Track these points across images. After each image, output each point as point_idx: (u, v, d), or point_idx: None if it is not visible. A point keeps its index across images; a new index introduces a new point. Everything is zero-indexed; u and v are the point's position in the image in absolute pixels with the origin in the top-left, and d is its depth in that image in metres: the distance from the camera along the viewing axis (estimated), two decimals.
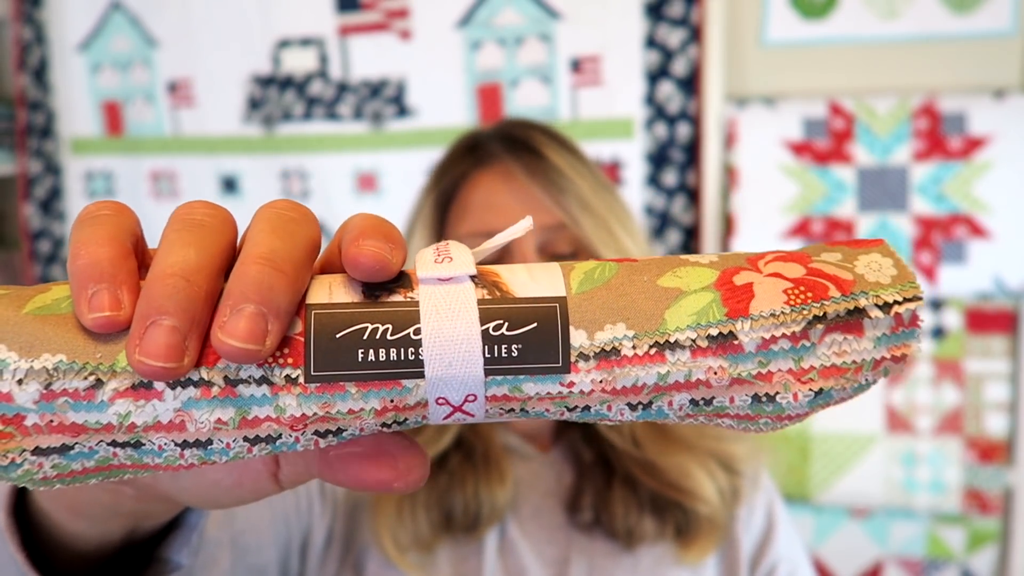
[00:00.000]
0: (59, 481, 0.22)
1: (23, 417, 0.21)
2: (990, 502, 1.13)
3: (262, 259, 0.21)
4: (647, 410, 0.23)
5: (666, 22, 1.14)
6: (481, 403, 0.22)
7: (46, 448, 0.21)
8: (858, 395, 0.24)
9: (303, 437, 0.22)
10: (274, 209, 0.23)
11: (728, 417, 0.24)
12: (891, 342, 0.22)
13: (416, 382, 0.21)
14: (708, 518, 0.60)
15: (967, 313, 1.13)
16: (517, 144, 0.63)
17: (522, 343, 0.21)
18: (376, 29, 1.24)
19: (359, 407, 0.21)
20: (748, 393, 0.23)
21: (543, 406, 0.23)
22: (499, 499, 0.59)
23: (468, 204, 0.62)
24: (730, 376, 0.22)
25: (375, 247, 0.21)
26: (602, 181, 0.63)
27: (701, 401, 0.23)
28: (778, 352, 0.22)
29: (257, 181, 1.33)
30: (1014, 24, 1.08)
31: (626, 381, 0.22)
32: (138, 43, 1.34)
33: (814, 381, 0.22)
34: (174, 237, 0.21)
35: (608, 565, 0.59)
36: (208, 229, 0.22)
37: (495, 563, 0.59)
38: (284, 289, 0.21)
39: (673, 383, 0.22)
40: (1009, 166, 1.07)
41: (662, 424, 0.62)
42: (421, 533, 0.58)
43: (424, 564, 0.58)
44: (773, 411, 0.23)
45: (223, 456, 0.22)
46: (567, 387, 0.22)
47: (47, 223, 1.44)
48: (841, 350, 0.22)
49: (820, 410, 0.24)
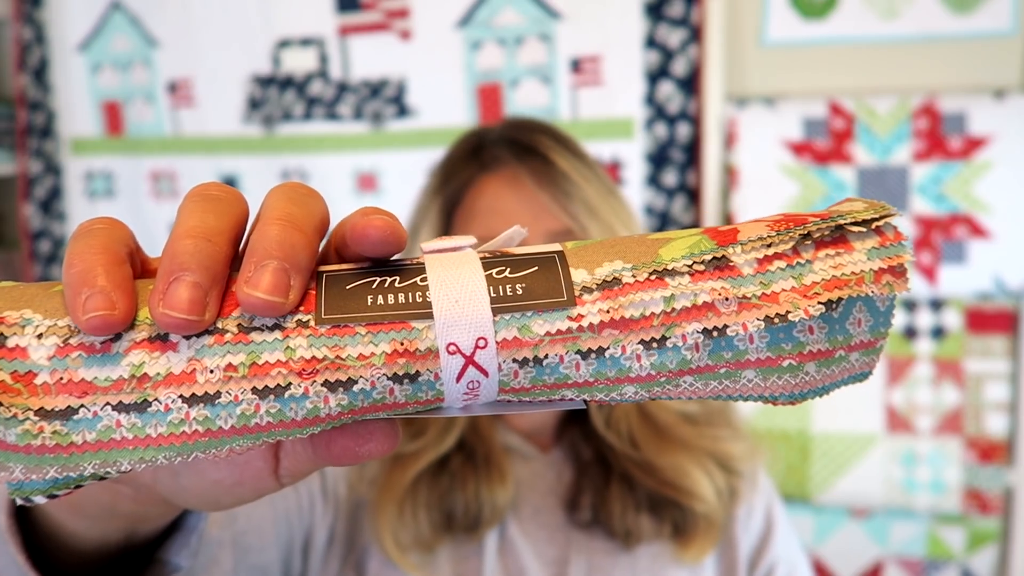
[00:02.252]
0: (54, 460, 0.21)
1: (34, 375, 0.21)
2: (990, 502, 1.13)
3: (282, 219, 0.22)
4: (663, 349, 0.23)
5: (666, 22, 1.14)
6: (493, 352, 0.22)
7: (51, 410, 0.21)
8: (876, 337, 0.24)
9: (312, 388, 0.21)
10: (286, 186, 0.24)
11: (750, 366, 0.23)
12: (883, 254, 0.23)
13: (426, 323, 0.22)
14: (705, 517, 0.60)
15: (967, 313, 1.13)
16: (524, 149, 0.62)
17: (525, 283, 0.22)
18: (376, 29, 1.24)
19: (369, 351, 0.22)
20: (759, 317, 0.23)
21: (555, 351, 0.22)
22: (500, 500, 0.59)
23: (474, 209, 0.62)
24: (735, 296, 0.23)
25: (383, 218, 0.23)
26: (608, 185, 0.63)
27: (715, 332, 0.23)
28: (776, 272, 0.23)
29: (257, 181, 1.33)
30: (1014, 24, 1.08)
31: (633, 310, 0.23)
32: (138, 43, 1.34)
33: (819, 295, 0.23)
34: (192, 206, 0.22)
35: (606, 564, 0.59)
36: (224, 202, 0.23)
37: (495, 563, 0.59)
38: (304, 246, 0.22)
39: (681, 309, 0.23)
40: (1009, 166, 1.07)
41: (661, 424, 0.62)
42: (422, 533, 0.58)
43: (425, 564, 0.58)
44: (793, 348, 0.23)
45: (229, 414, 0.21)
46: (575, 320, 0.22)
47: (47, 223, 1.44)
48: (836, 263, 0.23)
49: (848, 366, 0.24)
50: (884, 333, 0.24)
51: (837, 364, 0.24)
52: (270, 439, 0.22)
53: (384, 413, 0.23)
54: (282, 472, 0.27)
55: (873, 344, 0.24)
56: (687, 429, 0.63)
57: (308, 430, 0.22)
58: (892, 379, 1.15)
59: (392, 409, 0.23)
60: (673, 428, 0.62)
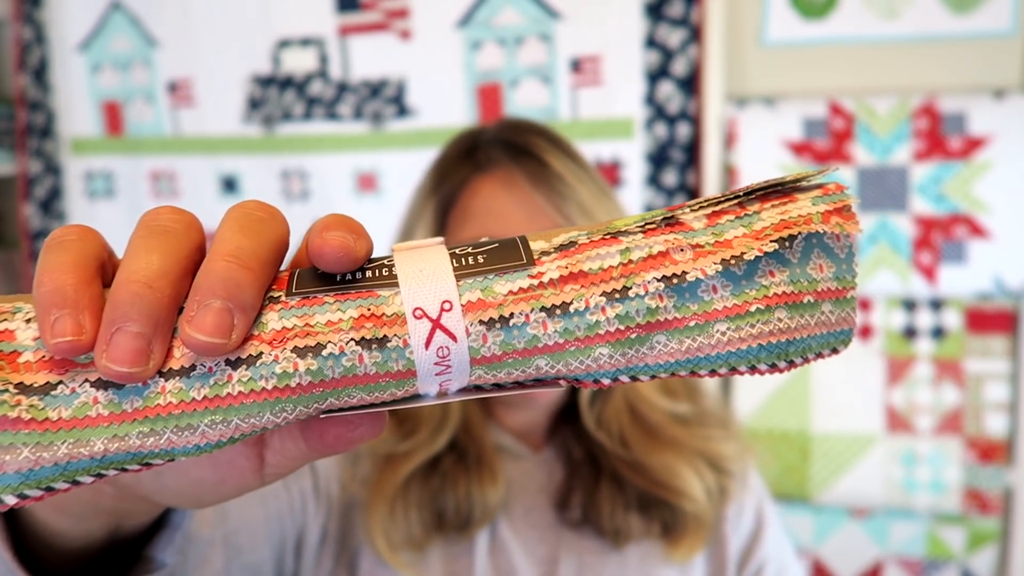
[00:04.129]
0: (27, 436, 0.21)
1: (18, 354, 0.22)
2: (990, 502, 1.13)
3: (228, 255, 0.21)
4: (626, 299, 0.23)
5: (666, 22, 1.14)
6: (459, 314, 0.22)
7: (29, 385, 0.21)
8: (844, 286, 0.24)
9: (282, 355, 0.22)
10: (243, 209, 0.24)
11: (719, 316, 0.23)
12: (827, 199, 0.24)
13: (392, 291, 0.23)
14: (695, 516, 0.60)
15: (967, 313, 1.13)
16: (518, 150, 0.62)
17: (487, 254, 0.23)
18: (376, 29, 1.24)
19: (337, 318, 0.22)
20: (715, 261, 0.23)
21: (520, 309, 0.22)
22: (491, 500, 0.59)
23: (469, 210, 0.62)
24: (688, 245, 0.23)
25: (338, 236, 0.22)
26: (602, 187, 0.63)
27: (675, 278, 0.23)
28: (725, 224, 0.24)
29: (257, 181, 1.33)
30: (1014, 24, 1.08)
31: (590, 263, 0.23)
32: (138, 43, 1.34)
33: (770, 236, 0.23)
34: (139, 244, 0.22)
35: (596, 563, 0.59)
36: (172, 235, 0.22)
37: (486, 562, 0.59)
38: (250, 284, 0.21)
39: (638, 260, 0.23)
40: (1009, 166, 1.07)
41: (652, 424, 0.62)
42: (413, 532, 0.58)
43: (416, 563, 0.59)
44: (758, 292, 0.23)
45: (203, 384, 0.22)
46: (536, 279, 0.23)
47: (47, 223, 1.44)
48: (783, 210, 0.24)
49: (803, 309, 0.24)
50: (851, 282, 0.24)
51: (808, 311, 0.24)
52: (242, 422, 0.22)
53: (358, 390, 0.23)
54: (267, 470, 0.27)
55: (842, 293, 0.24)
56: (678, 429, 0.63)
57: (280, 406, 0.22)
58: (892, 379, 1.15)
59: (365, 384, 0.23)
60: (664, 428, 0.62)
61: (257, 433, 0.23)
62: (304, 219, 1.32)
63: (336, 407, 0.23)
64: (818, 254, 0.24)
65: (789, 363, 0.24)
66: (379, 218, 1.29)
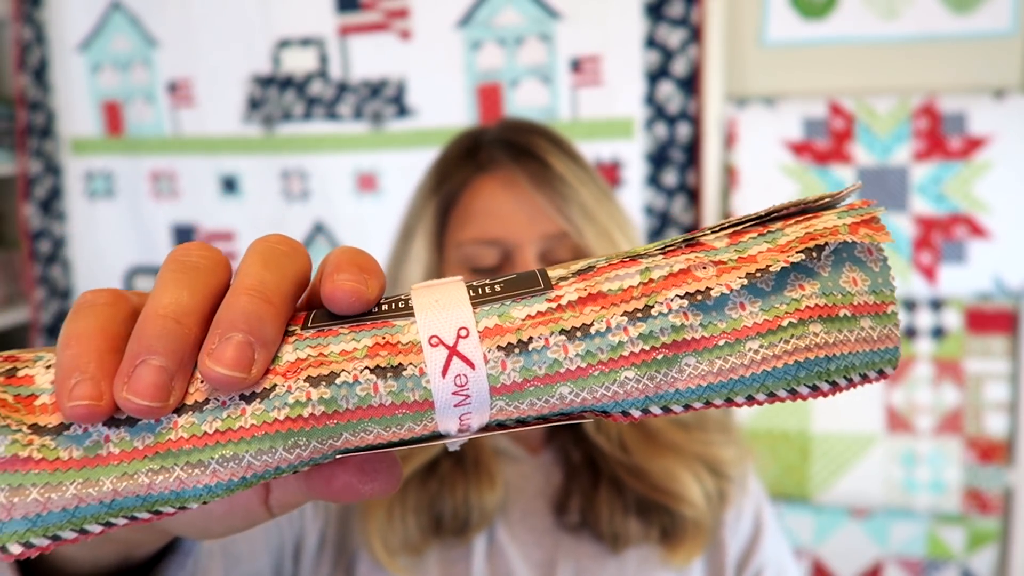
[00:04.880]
0: (37, 476, 0.21)
1: (35, 397, 0.22)
2: (990, 502, 1.13)
3: (252, 290, 0.21)
4: (649, 317, 0.22)
5: (666, 22, 1.14)
6: (475, 341, 0.21)
7: (43, 426, 0.21)
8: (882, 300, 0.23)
9: (295, 385, 0.21)
10: (267, 243, 0.23)
11: (749, 333, 0.22)
12: (853, 214, 0.23)
13: (408, 320, 0.22)
14: (694, 521, 0.60)
15: (967, 313, 1.13)
16: (521, 151, 0.62)
17: (504, 284, 0.23)
18: (376, 29, 1.24)
19: (351, 347, 0.22)
20: (740, 276, 0.22)
21: (539, 333, 0.22)
22: (488, 504, 0.59)
23: (470, 210, 0.62)
24: (711, 261, 0.22)
25: (350, 279, 0.22)
26: (603, 188, 0.63)
27: (698, 295, 0.22)
28: (749, 242, 0.23)
29: (257, 181, 1.33)
30: (1014, 24, 1.08)
31: (610, 284, 0.22)
32: (138, 43, 1.34)
33: (796, 248, 0.22)
34: (168, 278, 0.22)
35: (594, 568, 0.59)
36: (202, 271, 0.22)
37: (483, 566, 0.59)
38: (271, 319, 0.21)
39: (659, 279, 0.22)
40: (1009, 166, 1.07)
41: (651, 429, 0.62)
42: (410, 537, 0.58)
43: (413, 567, 0.58)
44: (789, 306, 0.22)
45: (215, 418, 0.21)
46: (554, 302, 0.22)
47: (47, 223, 1.44)
48: (808, 225, 0.23)
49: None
50: (889, 296, 0.23)
51: (847, 326, 0.23)
52: (254, 459, 0.21)
53: (373, 424, 0.22)
54: (272, 502, 0.27)
55: (882, 308, 0.23)
56: (678, 434, 0.62)
57: (292, 439, 0.21)
58: (892, 379, 1.15)
59: (381, 416, 0.22)
60: (663, 433, 0.62)
61: (271, 476, 0.22)
62: (304, 219, 1.32)
63: (352, 445, 0.22)
64: (850, 267, 0.23)
65: (832, 385, 0.23)
66: (379, 218, 1.29)
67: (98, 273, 1.42)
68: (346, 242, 1.31)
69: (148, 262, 1.41)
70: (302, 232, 1.32)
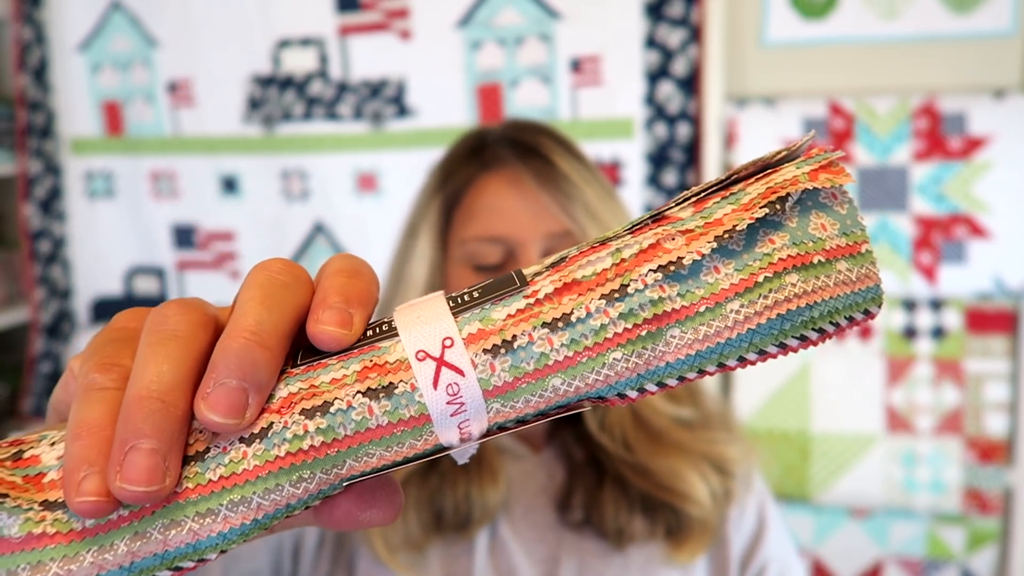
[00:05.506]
0: (54, 551, 0.21)
1: (43, 475, 0.22)
2: (990, 502, 1.13)
3: (248, 332, 0.21)
4: (626, 296, 0.22)
5: (666, 22, 1.14)
6: (461, 348, 0.22)
7: (54, 502, 0.22)
8: (854, 241, 0.23)
9: (291, 420, 0.21)
10: (267, 272, 0.23)
11: (727, 295, 0.22)
12: (811, 163, 0.23)
13: (393, 341, 0.22)
14: (700, 520, 0.60)
15: (967, 313, 1.13)
16: (526, 149, 0.62)
17: (481, 289, 0.23)
18: (376, 29, 1.24)
19: (341, 375, 0.22)
20: (709, 240, 0.22)
21: (522, 330, 0.22)
22: (490, 500, 0.59)
23: (475, 208, 0.62)
24: (678, 231, 0.22)
25: (332, 321, 0.22)
26: (607, 188, 0.63)
27: (671, 266, 0.22)
28: (713, 207, 0.23)
29: (257, 181, 1.33)
30: (1014, 24, 1.08)
31: (583, 271, 0.22)
32: (138, 43, 1.34)
33: (758, 205, 0.22)
34: (148, 353, 0.21)
35: (598, 565, 0.59)
36: (182, 340, 0.22)
37: (485, 563, 0.59)
38: (266, 363, 0.21)
39: (630, 257, 0.22)
40: (1009, 166, 1.07)
41: (656, 429, 0.62)
42: (412, 533, 0.58)
43: (415, 564, 0.58)
44: (762, 262, 0.22)
45: (219, 464, 0.21)
46: (531, 297, 0.22)
47: (47, 223, 1.44)
48: (768, 180, 0.23)
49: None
50: (860, 235, 0.23)
51: (823, 271, 0.23)
52: (263, 499, 0.21)
53: (374, 447, 0.22)
54: (275, 525, 0.26)
55: (855, 248, 0.23)
56: (683, 433, 0.63)
57: (297, 474, 0.22)
58: (892, 379, 1.15)
59: (380, 438, 0.22)
60: (668, 432, 0.62)
61: (283, 515, 0.22)
62: (304, 219, 1.32)
63: (358, 472, 0.22)
64: (816, 214, 0.23)
65: (820, 332, 0.23)
66: (379, 218, 1.29)
67: (98, 273, 1.42)
68: (346, 242, 1.31)
69: (148, 262, 1.41)
70: (302, 232, 1.33)
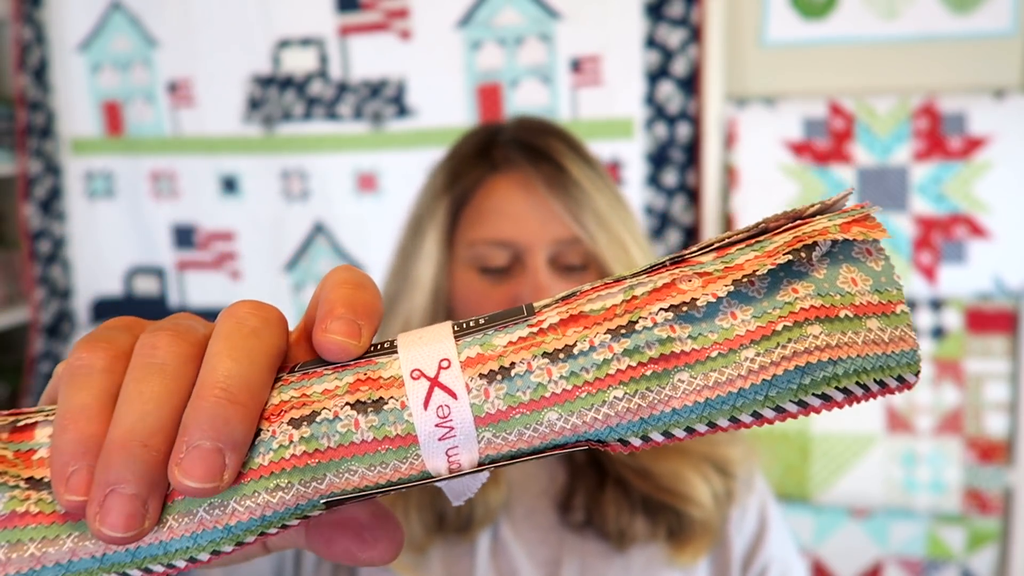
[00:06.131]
0: (34, 531, 0.21)
1: (33, 452, 0.22)
2: (990, 502, 1.13)
3: (217, 388, 0.20)
4: (633, 332, 0.21)
5: (666, 22, 1.14)
6: (457, 371, 0.21)
7: (39, 479, 0.22)
8: (887, 300, 0.21)
9: (279, 429, 0.21)
10: (234, 319, 0.22)
11: (743, 341, 0.20)
12: (845, 216, 0.22)
13: (391, 357, 0.22)
14: (701, 521, 0.60)
15: (967, 313, 1.13)
16: (537, 153, 0.61)
17: (488, 317, 0.22)
18: (376, 29, 1.24)
19: (333, 386, 0.21)
20: (726, 284, 0.21)
21: (521, 358, 0.21)
22: (492, 501, 0.59)
23: (483, 209, 0.61)
24: (696, 273, 0.21)
25: (340, 331, 0.22)
26: (617, 195, 0.63)
27: (683, 307, 0.21)
28: (736, 253, 0.22)
29: (257, 181, 1.33)
30: (1014, 24, 1.08)
31: (592, 304, 0.21)
32: (138, 43, 1.34)
33: (781, 254, 0.21)
34: (132, 390, 0.21)
35: (600, 566, 0.59)
36: (169, 376, 0.21)
37: (487, 564, 0.59)
38: (239, 420, 0.20)
39: (642, 295, 0.21)
40: (1009, 166, 1.07)
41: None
42: (414, 534, 0.58)
43: (417, 565, 0.58)
44: (783, 310, 0.21)
45: None
46: (536, 326, 0.21)
47: (47, 223, 1.44)
48: (797, 229, 0.21)
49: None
50: (895, 295, 0.21)
51: (850, 327, 0.21)
52: (238, 505, 0.21)
53: (357, 462, 0.21)
54: (270, 544, 0.26)
55: (889, 308, 0.21)
56: None
57: (275, 482, 0.21)
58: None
59: (364, 454, 0.21)
60: None
61: (256, 528, 0.21)
62: (304, 219, 1.32)
63: (338, 489, 0.21)
64: (847, 268, 0.21)
65: (845, 393, 0.21)
66: (379, 218, 1.29)
67: (98, 273, 1.42)
68: (346, 242, 1.31)
69: (148, 262, 1.41)
70: (302, 232, 1.33)
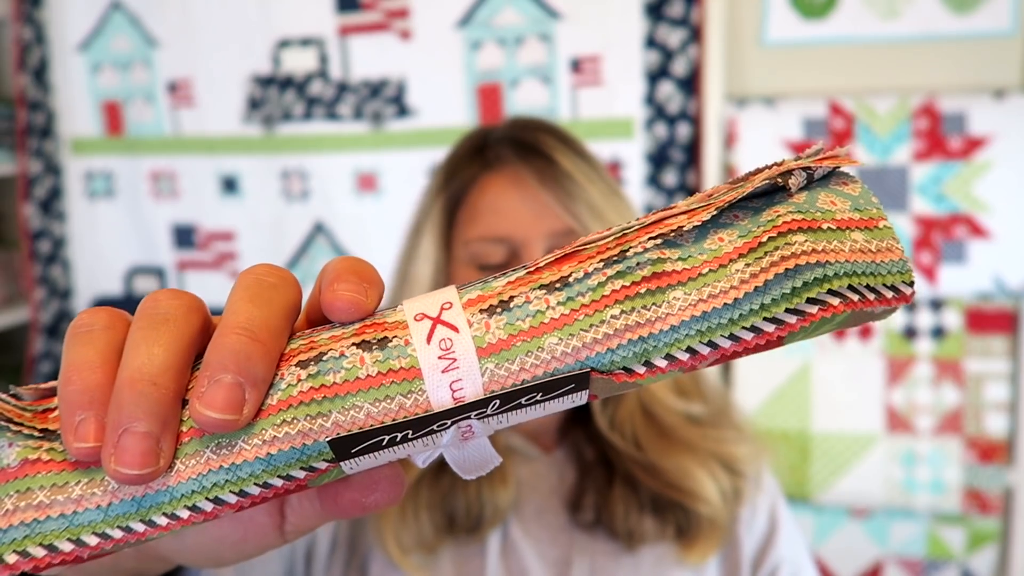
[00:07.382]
0: (47, 488, 0.21)
1: (50, 412, 0.23)
2: (990, 502, 1.13)
3: (240, 328, 0.21)
4: (625, 258, 0.22)
5: (666, 22, 1.14)
6: (459, 310, 0.22)
7: (54, 431, 0.22)
8: (868, 217, 0.23)
9: (287, 371, 0.22)
10: (253, 275, 0.23)
11: (731, 256, 0.22)
12: (818, 155, 0.23)
13: (396, 311, 0.23)
14: (709, 519, 0.60)
15: (967, 313, 1.13)
16: (527, 148, 0.62)
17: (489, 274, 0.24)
18: (376, 29, 1.24)
19: (340, 332, 0.23)
20: (712, 212, 0.22)
21: (519, 291, 0.22)
22: (501, 500, 0.59)
23: (477, 208, 0.62)
24: (682, 211, 0.23)
25: (349, 289, 0.22)
26: (611, 186, 0.63)
27: (672, 234, 0.22)
28: (717, 196, 0.23)
29: (257, 181, 1.33)
30: (1014, 24, 1.08)
31: (585, 246, 0.23)
32: (138, 43, 1.34)
33: (760, 181, 0.23)
34: (139, 336, 0.21)
35: (610, 566, 0.59)
36: (173, 323, 0.22)
37: (497, 564, 0.59)
38: (261, 357, 0.21)
39: (631, 232, 0.23)
40: (1009, 166, 1.07)
41: (666, 426, 0.62)
42: (424, 535, 0.58)
43: (427, 565, 0.58)
44: (767, 224, 0.22)
45: None
46: (532, 266, 0.23)
47: (47, 223, 1.44)
48: (774, 172, 0.23)
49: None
50: (876, 212, 0.22)
51: (833, 236, 0.22)
52: (246, 444, 0.21)
53: (362, 398, 0.21)
54: (288, 528, 0.26)
55: (871, 223, 0.22)
56: (692, 431, 0.62)
57: (281, 417, 0.21)
58: (892, 379, 1.15)
59: (368, 389, 0.21)
60: (678, 430, 0.62)
61: (261, 473, 0.21)
62: (304, 219, 1.32)
63: (344, 431, 0.21)
64: (825, 194, 0.23)
65: (840, 298, 0.21)
66: (379, 218, 1.29)
67: (98, 273, 1.42)
68: (346, 242, 1.31)
69: (148, 262, 1.41)
70: (302, 232, 1.33)
